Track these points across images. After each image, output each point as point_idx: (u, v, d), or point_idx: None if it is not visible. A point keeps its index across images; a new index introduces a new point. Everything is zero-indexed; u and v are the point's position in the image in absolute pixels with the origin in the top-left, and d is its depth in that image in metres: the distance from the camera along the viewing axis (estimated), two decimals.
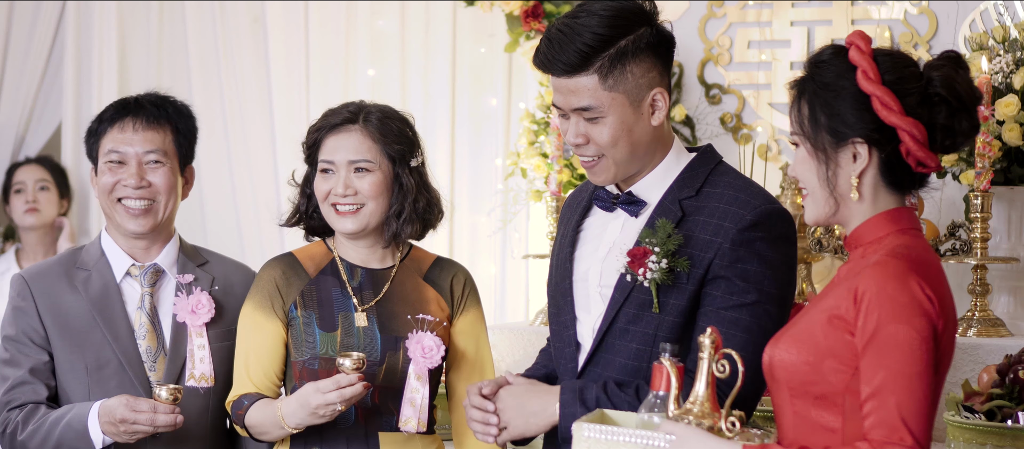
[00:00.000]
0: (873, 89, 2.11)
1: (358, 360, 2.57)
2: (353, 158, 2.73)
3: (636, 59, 2.38)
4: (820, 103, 2.15)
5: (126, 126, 2.84)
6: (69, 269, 2.87)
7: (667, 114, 2.46)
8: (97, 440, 2.69)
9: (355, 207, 2.73)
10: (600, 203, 2.52)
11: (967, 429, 3.01)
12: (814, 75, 2.17)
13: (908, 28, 4.09)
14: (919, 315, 2.02)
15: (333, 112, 2.79)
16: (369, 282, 2.78)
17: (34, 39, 4.99)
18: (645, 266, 2.35)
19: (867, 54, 2.13)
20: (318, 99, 4.76)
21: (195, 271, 2.91)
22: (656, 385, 2.11)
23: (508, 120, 4.66)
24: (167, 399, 2.62)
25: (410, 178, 2.76)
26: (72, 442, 2.70)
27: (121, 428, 2.63)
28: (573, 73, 2.37)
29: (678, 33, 4.32)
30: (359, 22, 4.82)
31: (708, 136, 4.31)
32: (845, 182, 2.16)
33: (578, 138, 2.42)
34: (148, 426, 2.62)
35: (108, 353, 2.81)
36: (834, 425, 2.09)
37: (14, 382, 2.79)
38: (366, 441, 2.72)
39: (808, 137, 2.17)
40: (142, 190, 2.83)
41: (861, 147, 2.13)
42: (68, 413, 2.72)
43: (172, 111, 2.90)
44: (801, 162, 2.19)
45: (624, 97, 2.39)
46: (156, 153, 2.85)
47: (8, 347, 2.82)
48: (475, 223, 4.74)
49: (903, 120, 2.10)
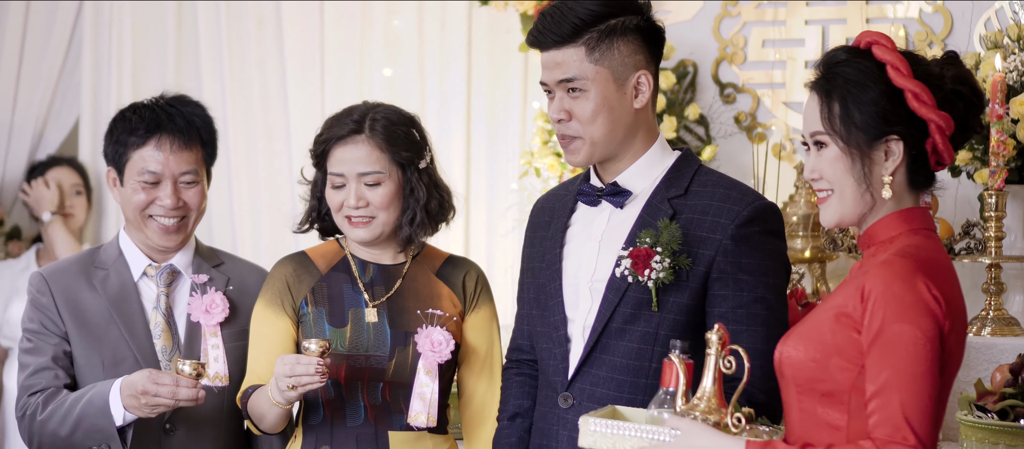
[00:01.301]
0: (907, 83, 2.11)
1: (322, 344, 2.57)
2: (362, 170, 2.72)
3: (624, 38, 2.46)
4: (853, 100, 2.14)
5: (163, 145, 2.85)
6: (87, 268, 2.91)
7: (651, 102, 2.50)
8: (118, 415, 2.70)
9: (368, 218, 2.73)
10: (584, 198, 2.55)
11: (980, 428, 3.01)
12: (839, 73, 2.16)
13: (923, 26, 4.08)
14: (925, 315, 2.02)
15: (338, 120, 2.76)
16: (381, 278, 2.79)
17: (51, 38, 5.02)
18: (650, 267, 2.36)
19: (893, 50, 2.14)
20: (333, 99, 4.77)
21: (210, 272, 2.94)
22: (666, 381, 2.12)
23: (523, 120, 4.67)
24: (190, 374, 2.62)
25: (420, 182, 2.75)
26: (93, 418, 2.71)
27: (143, 401, 2.64)
28: (562, 44, 2.45)
29: (692, 32, 4.40)
30: (375, 22, 4.84)
31: (722, 135, 4.31)
32: (877, 180, 2.15)
33: (560, 114, 2.48)
34: (170, 399, 2.62)
35: (125, 350, 2.84)
36: (839, 423, 2.09)
37: (35, 368, 2.82)
38: (375, 440, 2.72)
39: (840, 135, 2.15)
40: (177, 210, 2.86)
41: (895, 144, 2.13)
42: (89, 391, 2.74)
43: (199, 123, 2.92)
44: (831, 161, 2.17)
45: (608, 72, 2.45)
46: (190, 173, 2.88)
47: (30, 337, 2.86)
48: (491, 222, 4.75)
49: (937, 114, 2.11)
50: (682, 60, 4.37)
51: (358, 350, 2.72)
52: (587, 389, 2.47)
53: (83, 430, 2.72)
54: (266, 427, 2.76)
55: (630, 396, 2.41)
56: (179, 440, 2.82)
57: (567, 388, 2.49)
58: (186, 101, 2.94)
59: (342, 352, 2.71)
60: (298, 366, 2.55)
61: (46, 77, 5.03)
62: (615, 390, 2.43)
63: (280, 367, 2.58)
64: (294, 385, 2.56)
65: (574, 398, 2.48)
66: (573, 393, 2.48)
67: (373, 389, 2.72)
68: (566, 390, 2.49)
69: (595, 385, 2.46)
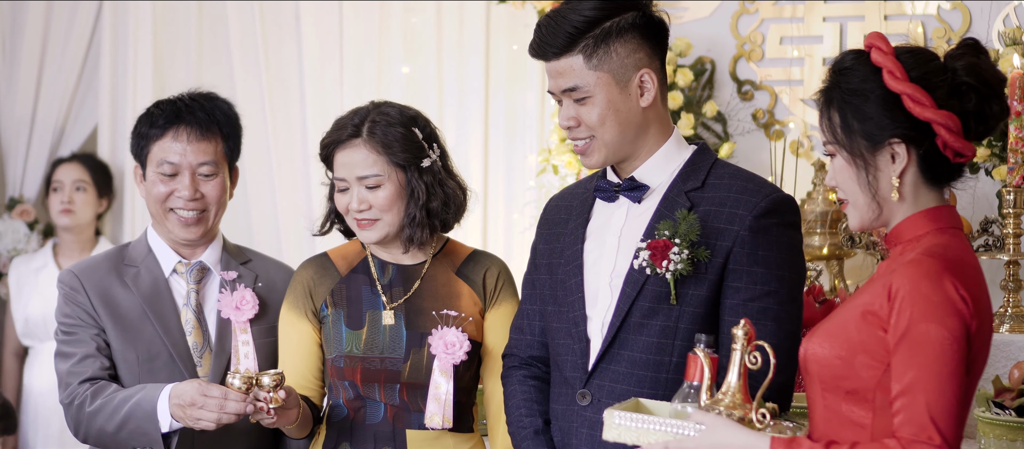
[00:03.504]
0: (902, 87, 2.11)
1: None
2: (361, 174, 2.73)
3: (621, 39, 2.45)
4: (851, 109, 2.15)
5: (180, 135, 2.87)
6: (117, 265, 2.93)
7: (659, 97, 2.51)
8: (164, 422, 2.70)
9: (371, 220, 2.74)
10: (601, 194, 2.55)
11: (997, 425, 3.01)
12: (839, 82, 2.17)
13: (941, 23, 4.08)
14: (952, 315, 2.02)
15: (340, 124, 2.78)
16: (400, 278, 2.80)
17: (72, 37, 5.04)
18: (668, 258, 2.37)
19: (889, 54, 2.13)
20: (352, 97, 4.78)
21: (239, 269, 2.96)
22: (690, 375, 2.13)
23: (541, 117, 4.68)
24: (240, 387, 2.57)
25: (421, 182, 2.74)
26: (139, 421, 2.72)
27: (189, 412, 2.64)
28: (561, 54, 2.46)
29: (710, 29, 4.40)
30: (393, 19, 4.85)
31: (740, 132, 4.32)
32: (886, 184, 2.16)
33: (569, 121, 2.49)
34: (215, 413, 2.58)
35: (159, 345, 2.86)
36: (864, 421, 2.10)
37: (82, 356, 2.83)
38: (393, 439, 2.74)
39: (843, 145, 2.17)
40: (195, 202, 2.88)
41: (899, 147, 2.13)
42: (138, 392, 2.74)
43: (221, 116, 2.93)
44: (839, 171, 2.19)
45: (609, 76, 2.45)
46: (209, 164, 2.89)
47: (69, 330, 2.87)
48: (509, 219, 4.76)
49: (937, 114, 2.10)
50: (700, 57, 4.37)
51: (373, 353, 2.74)
52: (606, 386, 2.46)
53: (129, 430, 2.73)
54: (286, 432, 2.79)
55: (650, 391, 2.40)
56: (210, 434, 2.82)
57: (585, 385, 2.49)
58: (210, 96, 2.96)
59: (358, 354, 2.74)
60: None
61: (67, 75, 5.05)
62: (634, 385, 2.43)
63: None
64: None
65: (593, 395, 2.48)
66: (591, 390, 2.48)
67: (390, 390, 2.74)
68: (584, 387, 2.49)
69: (614, 381, 2.45)
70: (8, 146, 5.06)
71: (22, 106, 5.01)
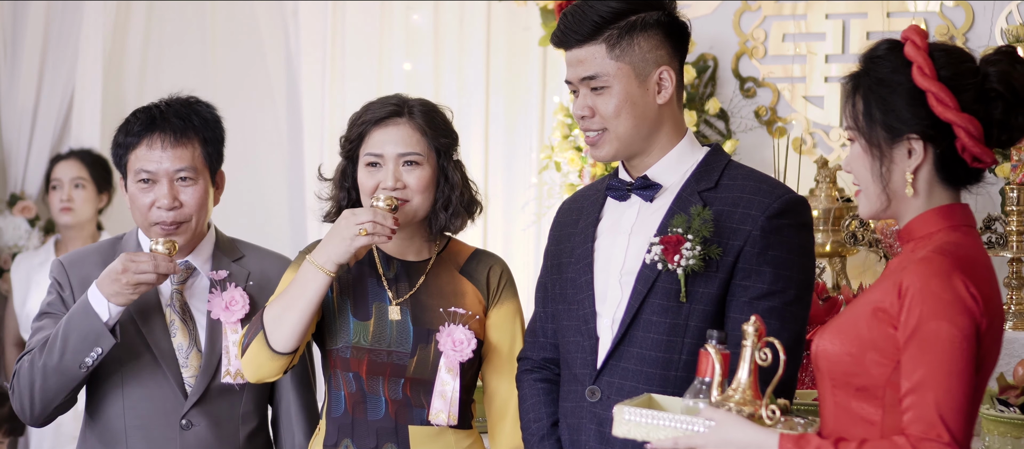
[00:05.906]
0: (928, 85, 2.10)
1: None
2: (403, 151, 2.72)
3: (644, 33, 2.48)
4: (875, 99, 2.14)
5: (154, 143, 2.83)
6: (107, 258, 2.88)
7: (675, 96, 2.52)
8: (102, 310, 2.69)
9: (402, 201, 2.71)
10: (613, 193, 2.56)
11: (1002, 423, 3.01)
12: (869, 70, 2.17)
13: (944, 20, 4.08)
14: (962, 313, 2.01)
15: (376, 105, 2.77)
16: (404, 274, 2.79)
17: (72, 32, 5.04)
18: (680, 253, 2.37)
19: (923, 49, 2.12)
20: (353, 93, 4.78)
21: (230, 266, 2.92)
22: (702, 371, 2.13)
23: (542, 114, 4.68)
24: (163, 252, 2.69)
25: (455, 171, 2.77)
26: (77, 325, 2.70)
27: (123, 280, 2.65)
28: (584, 42, 2.48)
29: (713, 26, 4.40)
30: (394, 17, 4.85)
31: (742, 129, 4.32)
32: (899, 178, 2.15)
33: (584, 110, 2.51)
34: (152, 271, 2.66)
35: (142, 346, 2.83)
36: (874, 417, 2.10)
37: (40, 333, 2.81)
38: (396, 434, 2.73)
39: (862, 133, 2.17)
40: (175, 210, 2.83)
41: (916, 143, 2.13)
42: (69, 310, 2.75)
43: (198, 121, 2.88)
44: (855, 158, 2.19)
45: (630, 68, 2.47)
46: (186, 170, 2.84)
47: (42, 313, 2.86)
48: (510, 217, 4.76)
49: (959, 116, 2.09)
50: (702, 54, 4.38)
51: (380, 345, 2.72)
52: (615, 382, 2.47)
53: (72, 344, 2.70)
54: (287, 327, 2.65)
55: (659, 388, 2.40)
56: (197, 436, 2.82)
57: (594, 381, 2.49)
58: (188, 101, 2.91)
59: (365, 346, 2.72)
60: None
61: (67, 71, 5.05)
62: (643, 382, 2.43)
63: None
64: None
65: (602, 391, 2.48)
66: (600, 386, 2.48)
67: (394, 385, 2.72)
68: (593, 383, 2.49)
69: (624, 378, 2.46)
70: (9, 142, 5.05)
71: (23, 102, 5.00)
